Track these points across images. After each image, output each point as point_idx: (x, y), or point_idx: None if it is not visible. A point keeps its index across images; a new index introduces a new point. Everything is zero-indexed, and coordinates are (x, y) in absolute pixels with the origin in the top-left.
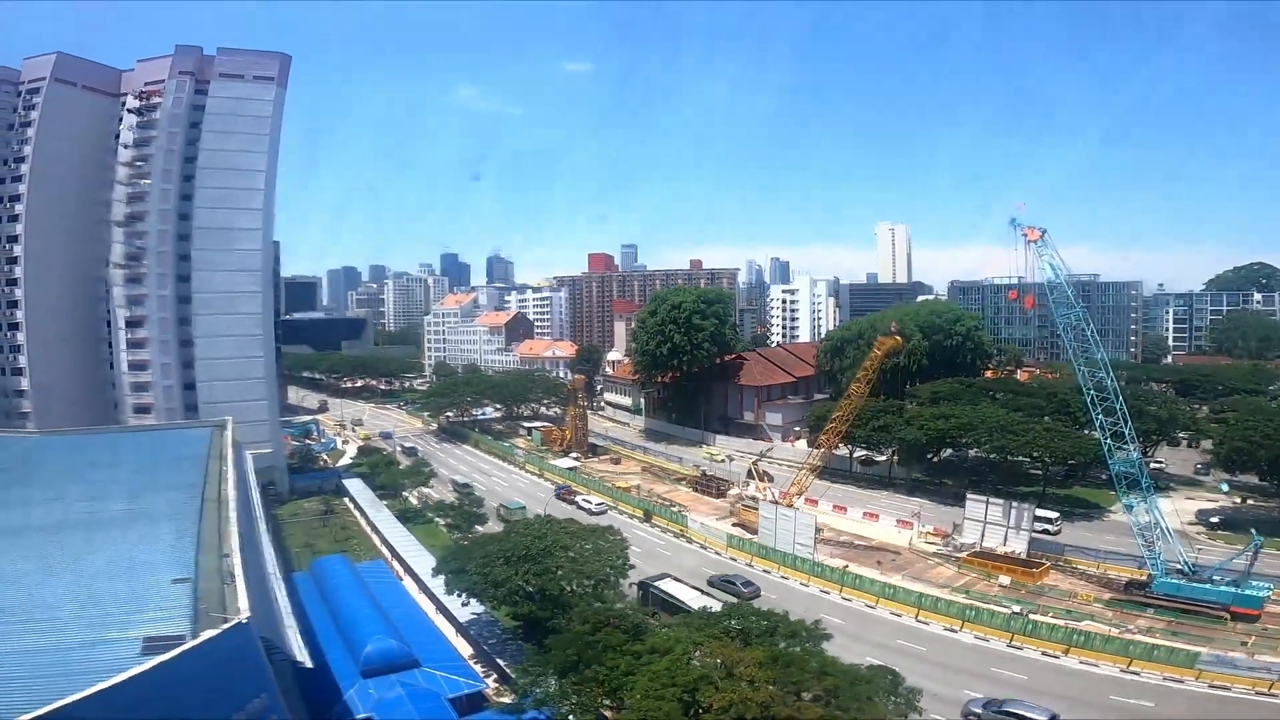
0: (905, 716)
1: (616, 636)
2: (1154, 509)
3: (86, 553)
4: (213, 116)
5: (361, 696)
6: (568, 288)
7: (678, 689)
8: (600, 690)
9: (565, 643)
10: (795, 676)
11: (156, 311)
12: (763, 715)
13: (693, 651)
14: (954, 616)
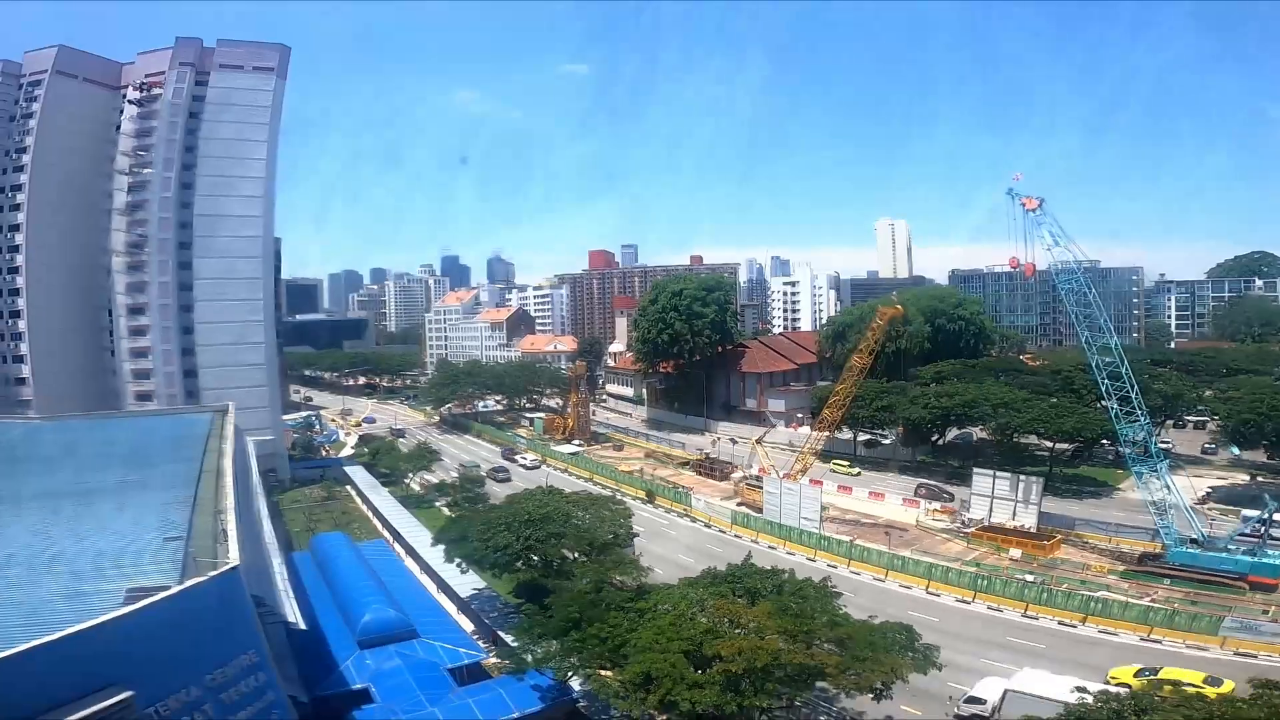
0: (924, 671)
1: (619, 595)
2: (1164, 475)
3: (78, 516)
4: (213, 106)
5: (358, 667)
6: (568, 285)
7: (683, 641)
8: (603, 648)
9: (566, 602)
10: (806, 625)
11: (157, 298)
12: (773, 663)
13: (697, 608)
14: (965, 587)
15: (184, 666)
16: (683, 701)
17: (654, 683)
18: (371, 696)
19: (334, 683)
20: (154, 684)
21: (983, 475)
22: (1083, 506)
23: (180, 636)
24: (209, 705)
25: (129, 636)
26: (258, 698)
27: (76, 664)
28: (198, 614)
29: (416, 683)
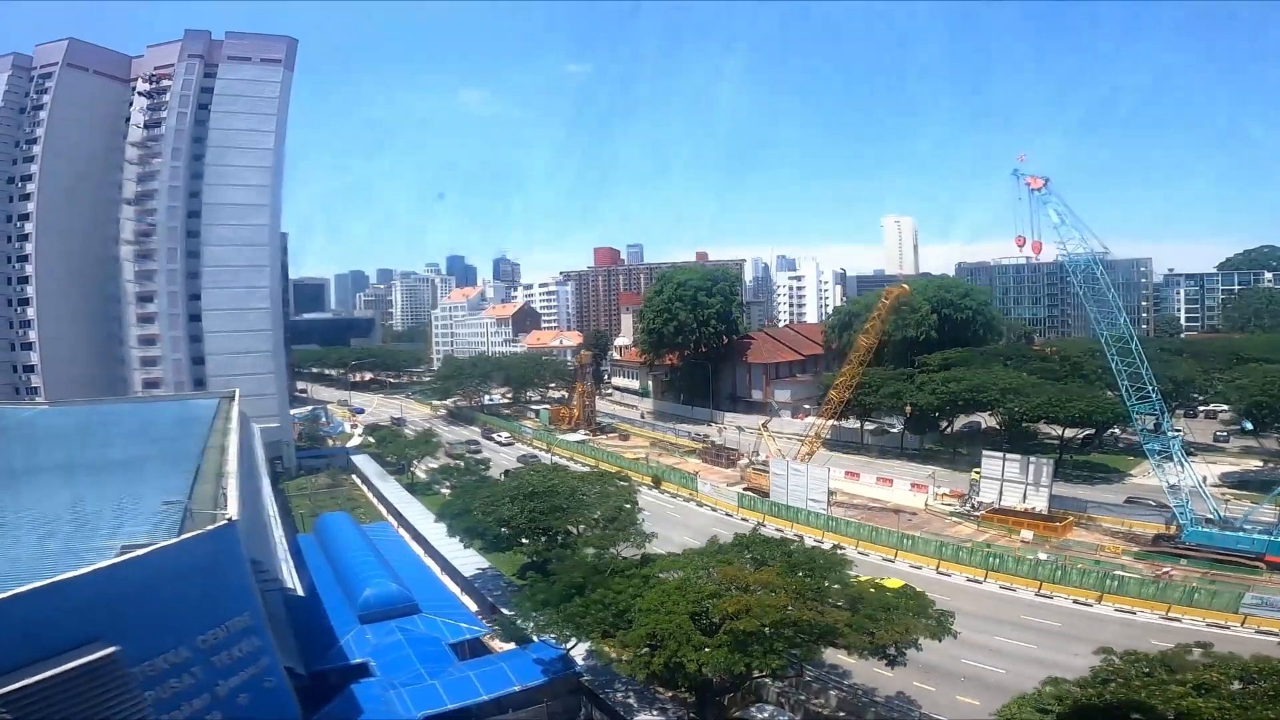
0: (939, 638)
1: (623, 563)
2: (1177, 452)
3: (76, 484)
4: (221, 97)
5: (358, 642)
6: (574, 282)
7: (689, 604)
8: (606, 614)
9: (569, 568)
10: (816, 585)
11: (166, 285)
12: (782, 620)
13: (704, 574)
14: (976, 566)
15: (174, 626)
16: (689, 663)
17: (659, 645)
18: (371, 671)
19: (333, 657)
20: (141, 642)
21: (992, 458)
22: (1094, 491)
23: (171, 594)
24: (199, 668)
25: (115, 591)
26: (251, 663)
27: (59, 616)
28: (190, 571)
29: (417, 657)
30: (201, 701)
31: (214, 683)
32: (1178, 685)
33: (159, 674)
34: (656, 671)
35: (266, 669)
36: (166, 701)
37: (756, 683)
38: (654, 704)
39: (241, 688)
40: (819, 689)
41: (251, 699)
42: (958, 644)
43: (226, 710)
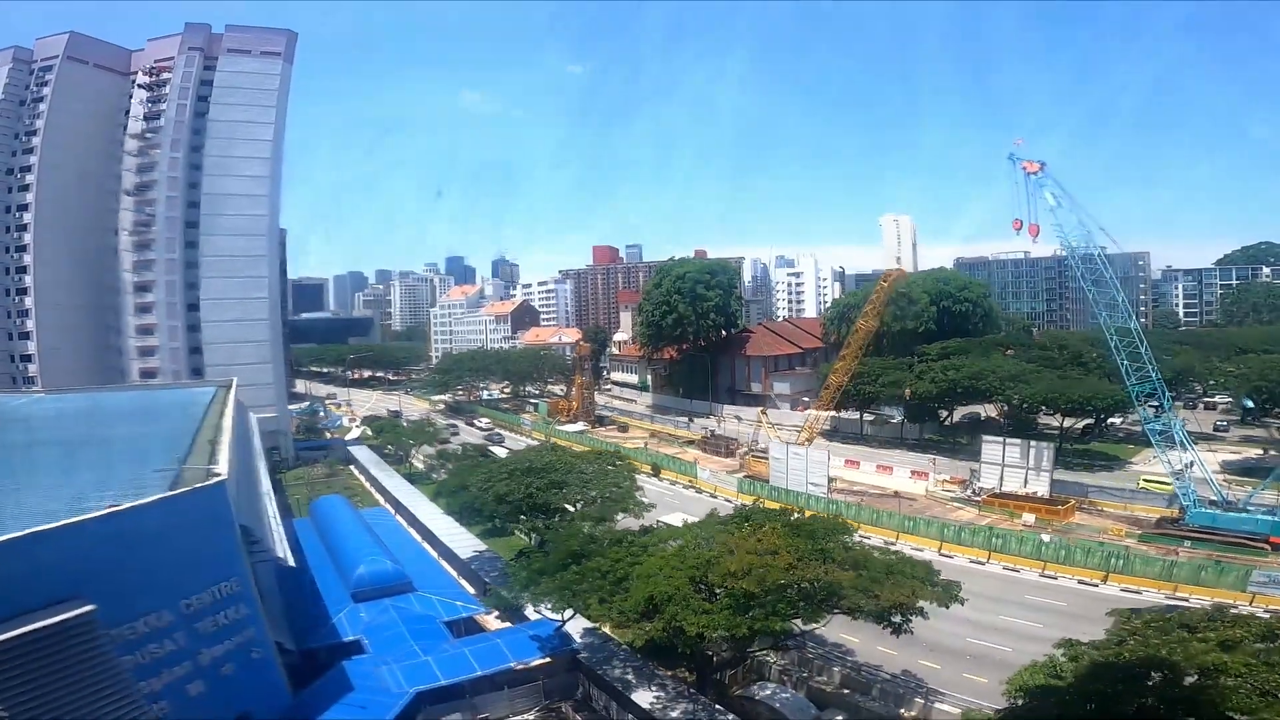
0: (947, 605)
1: (621, 533)
2: (1179, 433)
3: (72, 455)
4: (221, 90)
5: (351, 619)
6: (572, 280)
7: (689, 569)
8: (604, 582)
9: (566, 537)
10: (819, 546)
11: (164, 275)
12: (785, 579)
13: (704, 542)
14: (979, 547)
15: (156, 587)
16: (689, 626)
17: (658, 611)
18: (363, 648)
19: (324, 635)
20: (121, 603)
21: (992, 443)
22: (1095, 478)
23: (154, 554)
24: (181, 634)
25: (95, 547)
26: (237, 632)
27: (33, 571)
28: (175, 530)
29: (411, 635)
30: (183, 669)
31: (197, 650)
32: (1199, 642)
33: (138, 638)
34: (655, 638)
35: (253, 639)
36: (145, 667)
37: (758, 660)
38: (653, 680)
39: (226, 657)
40: (822, 665)
41: (236, 669)
42: (963, 623)
43: (209, 680)
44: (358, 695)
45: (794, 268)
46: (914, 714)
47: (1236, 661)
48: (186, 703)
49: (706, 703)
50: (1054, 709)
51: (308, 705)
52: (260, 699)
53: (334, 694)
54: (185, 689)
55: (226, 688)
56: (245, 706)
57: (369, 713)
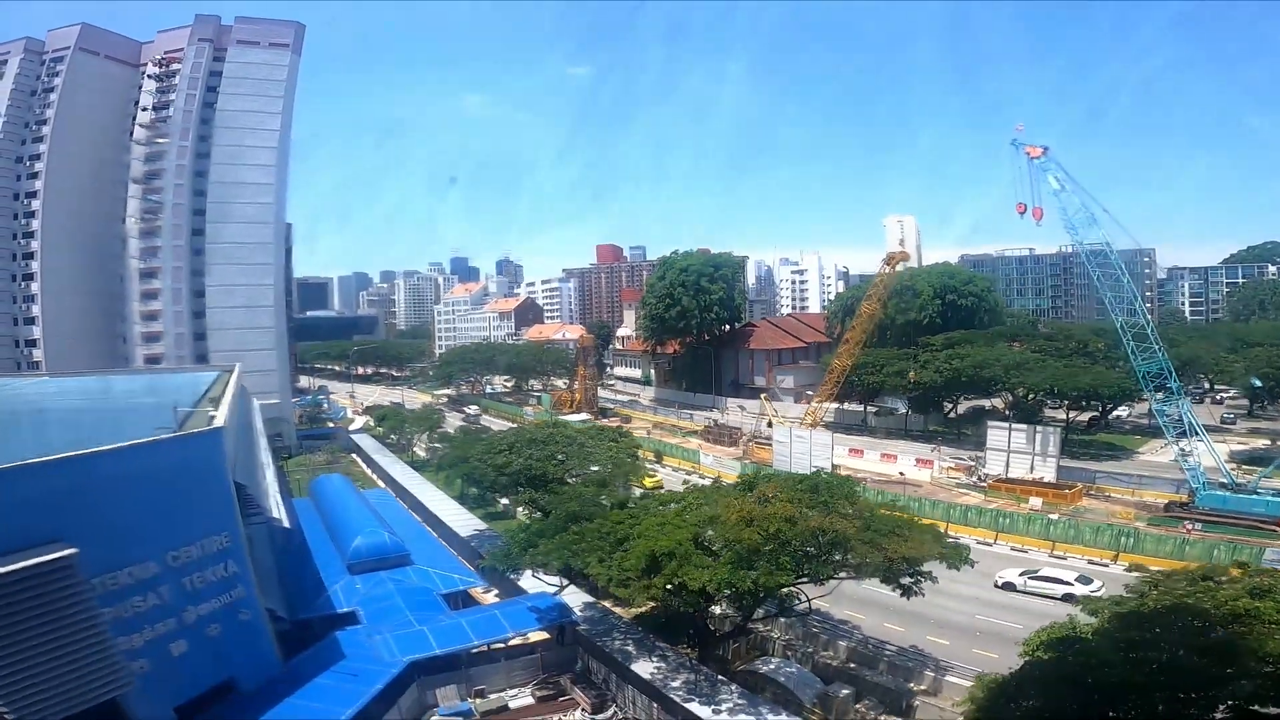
0: (957, 566)
1: (623, 496)
2: (1187, 414)
3: (74, 420)
4: (230, 80)
5: (347, 591)
6: (576, 279)
7: (691, 528)
8: (604, 543)
9: (565, 499)
10: (824, 499)
11: (170, 262)
12: (790, 530)
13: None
14: (987, 528)
15: (143, 536)
16: (691, 581)
17: (659, 567)
18: (358, 619)
19: (319, 606)
20: (104, 550)
21: (997, 429)
22: (1101, 466)
23: (142, 500)
24: (167, 588)
25: (80, 489)
26: (226, 590)
27: (13, 510)
28: (165, 476)
29: (408, 607)
30: (166, 626)
31: (182, 607)
32: (1228, 590)
33: (121, 589)
34: (656, 597)
35: (242, 599)
36: (127, 622)
37: (761, 636)
38: (653, 652)
39: (213, 616)
40: (827, 640)
41: (223, 631)
42: (971, 601)
43: (194, 640)
44: (350, 664)
45: (798, 265)
46: (924, 687)
47: (1269, 607)
48: (168, 663)
49: (709, 673)
50: (1077, 660)
51: (297, 673)
52: (247, 665)
53: (325, 662)
54: (168, 648)
55: (212, 650)
56: (231, 672)
57: (360, 681)
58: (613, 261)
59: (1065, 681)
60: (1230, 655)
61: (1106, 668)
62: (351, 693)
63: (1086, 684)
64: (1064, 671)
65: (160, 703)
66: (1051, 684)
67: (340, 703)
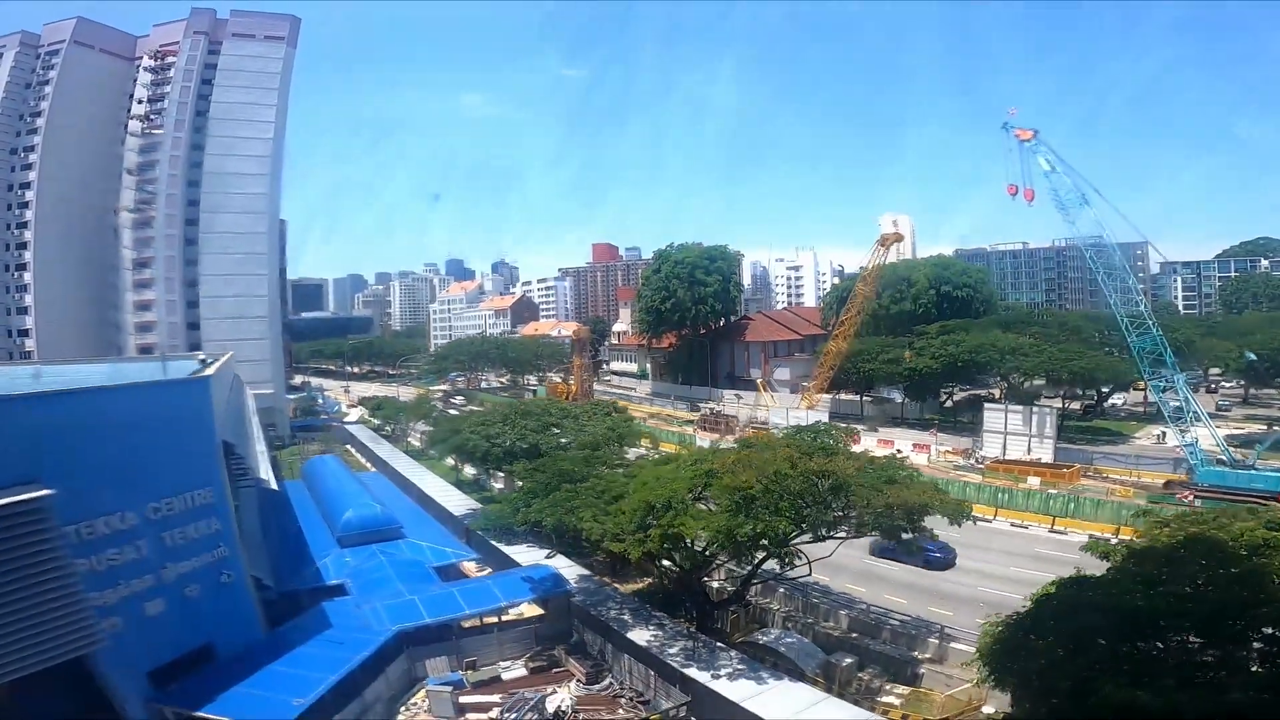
0: (958, 522)
1: (617, 458)
2: (1183, 389)
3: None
4: (225, 72)
5: (336, 564)
6: (572, 278)
7: (687, 480)
8: (600, 500)
9: (560, 459)
10: (823, 446)
11: (164, 251)
12: (788, 473)
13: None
14: (986, 504)
15: (122, 484)
16: (688, 530)
17: (654, 519)
18: (347, 591)
19: (307, 578)
20: (81, 496)
21: (994, 410)
22: (1098, 449)
23: (123, 446)
24: (145, 542)
25: (59, 430)
26: (208, 550)
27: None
28: (150, 424)
29: (399, 578)
30: (143, 583)
31: (161, 564)
32: (1242, 523)
33: (97, 539)
34: (653, 550)
35: (225, 560)
36: (101, 576)
37: (760, 608)
38: (650, 621)
39: (193, 576)
40: (828, 610)
41: (203, 593)
42: (973, 574)
43: (172, 600)
44: (336, 633)
45: (794, 260)
46: (929, 655)
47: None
48: (142, 623)
49: (707, 640)
50: (1097, 593)
51: (280, 641)
52: (227, 630)
53: (310, 631)
54: (143, 607)
55: (190, 612)
56: (210, 637)
57: (346, 649)
58: (608, 260)
59: (1087, 610)
60: (1256, 583)
61: (1128, 597)
62: (336, 660)
63: (1110, 610)
64: (1084, 600)
65: (132, 665)
66: (1071, 614)
67: (324, 670)
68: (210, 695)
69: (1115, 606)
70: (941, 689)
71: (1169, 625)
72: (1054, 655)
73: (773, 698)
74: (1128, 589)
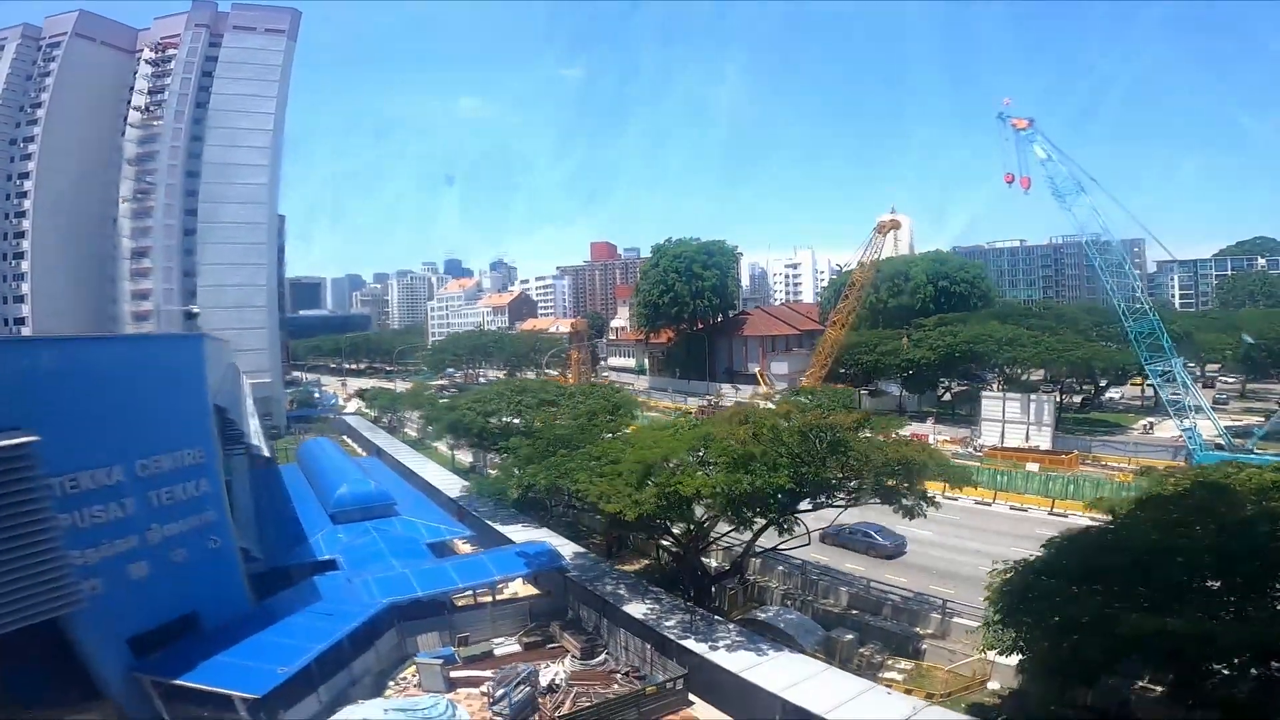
0: (959, 485)
1: (612, 425)
2: (1180, 372)
3: None
4: (225, 64)
5: (329, 540)
6: (570, 276)
7: (685, 442)
8: (597, 464)
9: (557, 427)
10: (821, 401)
11: (162, 240)
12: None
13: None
14: (985, 487)
15: (111, 438)
16: (686, 487)
17: (652, 477)
18: (339, 566)
19: (298, 554)
20: (68, 446)
21: (992, 399)
22: (1096, 440)
23: (114, 398)
24: (132, 500)
25: (48, 377)
26: (196, 512)
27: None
28: (141, 377)
29: (392, 554)
30: (127, 544)
31: (147, 524)
32: (1246, 471)
33: (81, 494)
34: (650, 512)
35: (213, 524)
36: (85, 533)
37: (759, 585)
38: (647, 595)
39: (180, 540)
40: (828, 587)
41: (190, 559)
42: (975, 554)
43: (156, 563)
44: (325, 605)
45: (792, 259)
46: (930, 630)
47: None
48: (125, 586)
49: (705, 614)
50: (1103, 539)
51: (268, 612)
52: (213, 599)
53: (299, 603)
54: (126, 569)
55: (175, 577)
56: (195, 605)
57: (334, 621)
58: (607, 259)
59: (1099, 549)
60: (1273, 522)
61: (1140, 536)
62: (324, 631)
63: (1124, 549)
64: (1096, 541)
65: (112, 630)
66: (1084, 553)
67: (311, 640)
68: (191, 664)
69: (1129, 545)
70: (945, 664)
71: (1186, 562)
72: (1068, 593)
73: (773, 668)
74: (1139, 530)
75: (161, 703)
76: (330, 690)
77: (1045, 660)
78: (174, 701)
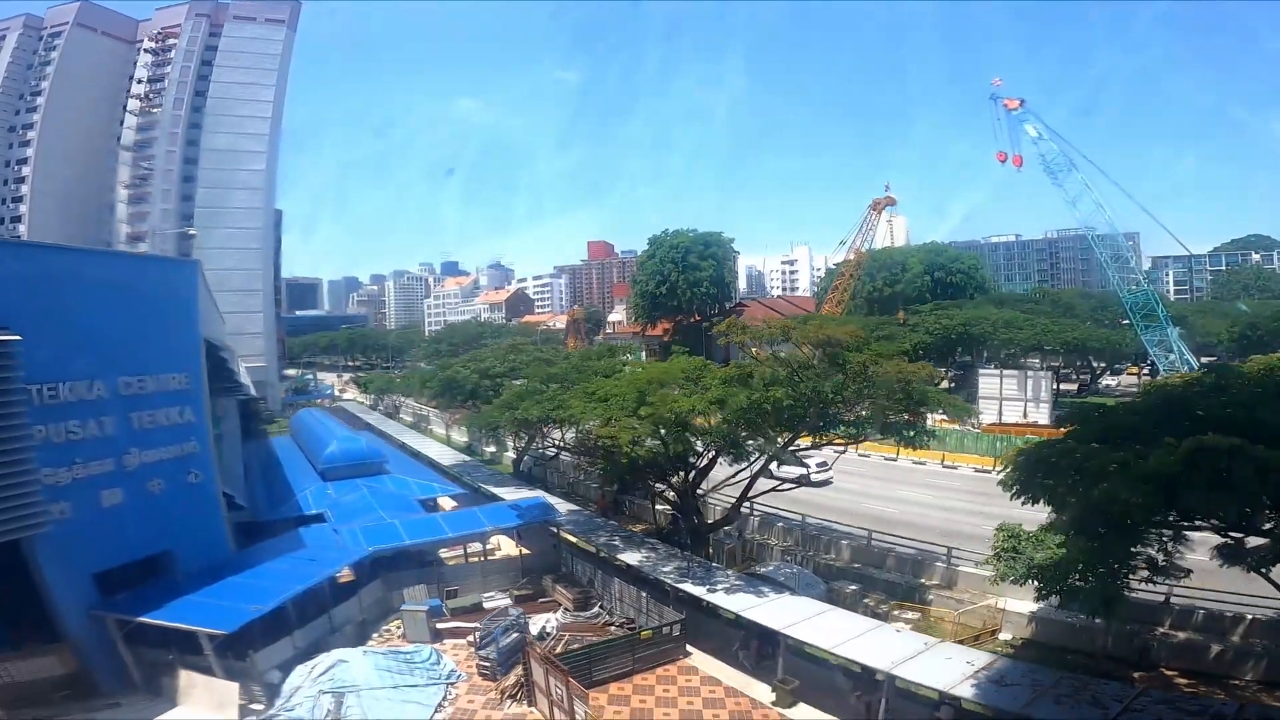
0: (960, 419)
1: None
2: (1175, 341)
3: None
4: (225, 54)
5: (318, 496)
6: (568, 275)
7: (679, 373)
8: (589, 399)
9: (552, 367)
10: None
11: (159, 225)
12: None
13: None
14: (984, 454)
15: (95, 350)
16: (681, 405)
17: (646, 399)
18: (327, 520)
19: (287, 510)
20: (50, 354)
21: (989, 375)
22: None
23: (102, 311)
24: (112, 420)
25: (35, 279)
26: (177, 441)
27: None
28: (132, 294)
29: (381, 507)
30: (103, 466)
31: (125, 448)
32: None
33: (59, 405)
34: (645, 433)
35: (194, 456)
36: (59, 450)
37: (758, 543)
38: (643, 545)
39: (159, 469)
40: (829, 543)
41: (168, 490)
42: (977, 515)
43: (131, 492)
44: (309, 552)
45: (788, 255)
46: (935, 581)
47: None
48: (96, 513)
49: (702, 560)
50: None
51: (249, 558)
52: (191, 539)
53: (282, 550)
54: (98, 494)
55: (151, 510)
56: (170, 544)
57: (316, 566)
58: (604, 258)
59: (1118, 414)
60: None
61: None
62: (303, 575)
63: (1145, 412)
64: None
65: (78, 563)
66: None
67: (288, 583)
68: (159, 604)
69: (1147, 409)
70: (952, 613)
71: (1208, 416)
72: (1091, 451)
73: (775, 608)
74: (1156, 398)
75: (125, 647)
76: (307, 635)
77: (1078, 516)
78: (138, 646)
